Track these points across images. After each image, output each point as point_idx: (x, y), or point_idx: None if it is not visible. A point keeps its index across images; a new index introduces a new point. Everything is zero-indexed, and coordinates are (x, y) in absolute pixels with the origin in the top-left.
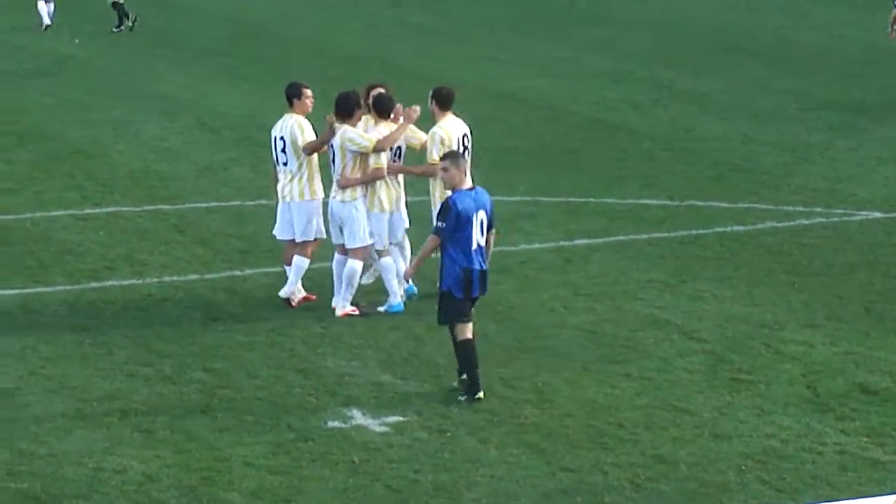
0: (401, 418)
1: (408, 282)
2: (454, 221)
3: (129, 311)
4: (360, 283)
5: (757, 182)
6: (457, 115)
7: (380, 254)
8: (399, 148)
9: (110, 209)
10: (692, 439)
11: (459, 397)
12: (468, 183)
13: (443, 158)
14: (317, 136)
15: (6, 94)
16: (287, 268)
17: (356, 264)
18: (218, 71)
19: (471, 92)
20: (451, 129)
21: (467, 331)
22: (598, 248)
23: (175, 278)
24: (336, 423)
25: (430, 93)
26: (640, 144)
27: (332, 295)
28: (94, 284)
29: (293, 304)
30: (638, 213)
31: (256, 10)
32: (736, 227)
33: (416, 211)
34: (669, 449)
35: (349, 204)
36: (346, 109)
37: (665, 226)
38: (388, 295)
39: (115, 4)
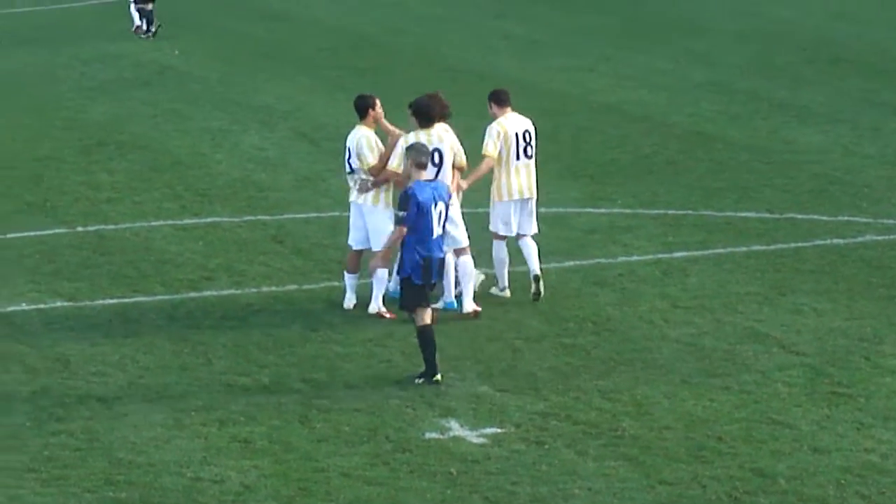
0: (498, 430)
1: (389, 279)
2: (415, 211)
3: (227, 320)
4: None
5: (857, 195)
6: (518, 112)
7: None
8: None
9: (209, 219)
10: (791, 453)
11: (416, 380)
12: (428, 175)
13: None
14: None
15: (107, 104)
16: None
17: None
18: (320, 82)
19: (571, 103)
20: (509, 124)
21: (426, 316)
22: (697, 261)
23: (273, 289)
24: (434, 435)
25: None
26: (739, 156)
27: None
28: (192, 294)
29: (386, 315)
30: (737, 226)
31: (363, 21)
32: (836, 241)
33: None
34: (768, 462)
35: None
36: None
37: (764, 238)
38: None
39: (141, 11)
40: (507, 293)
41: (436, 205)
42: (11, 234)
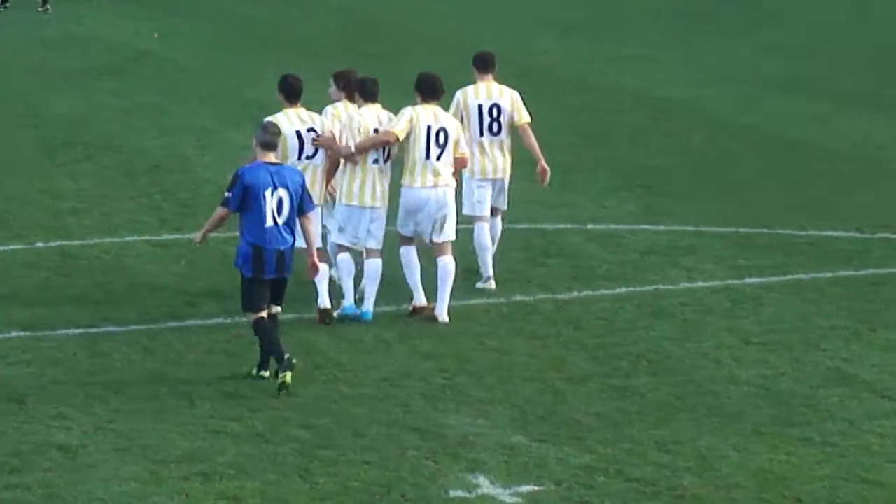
0: (535, 487)
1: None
2: (241, 193)
3: (213, 355)
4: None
5: None
6: (499, 83)
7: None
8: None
9: (193, 235)
10: None
11: (251, 371)
12: (271, 158)
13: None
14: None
15: (73, 97)
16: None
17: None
18: (322, 72)
19: (626, 99)
20: (472, 94)
21: (259, 313)
22: (773, 288)
23: None
24: (459, 493)
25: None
26: (822, 165)
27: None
28: (172, 324)
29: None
30: (820, 247)
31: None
32: None
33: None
34: None
35: None
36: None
37: (853, 262)
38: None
39: None
40: (493, 284)
41: (274, 190)
42: None
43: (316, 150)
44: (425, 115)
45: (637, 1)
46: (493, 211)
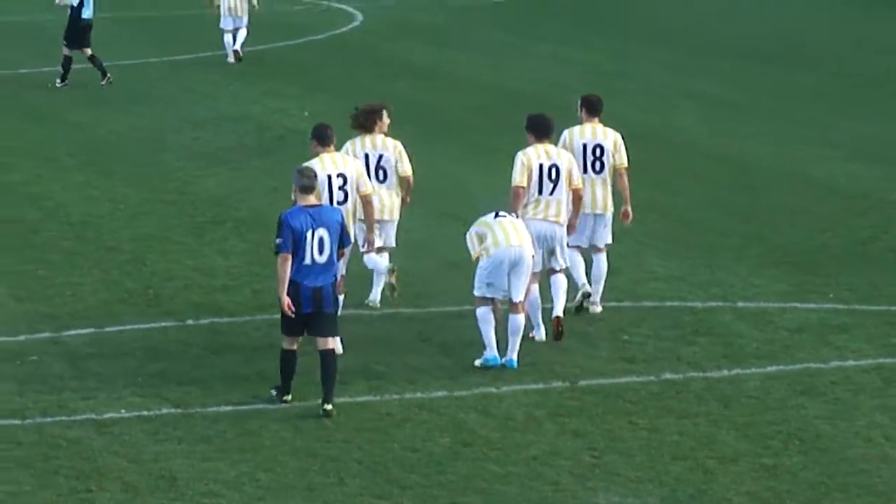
0: None
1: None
2: (290, 236)
3: (363, 432)
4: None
5: None
6: (604, 126)
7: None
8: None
9: (344, 312)
10: None
11: (271, 390)
12: (311, 200)
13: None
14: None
15: (223, 174)
16: None
17: None
18: (468, 148)
19: (770, 176)
20: (579, 134)
21: (291, 343)
22: None
23: (418, 395)
24: None
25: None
26: None
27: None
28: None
29: None
30: None
31: (520, 77)
32: None
33: None
34: None
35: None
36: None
37: None
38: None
39: (92, 58)
40: (588, 288)
41: (314, 231)
42: (109, 327)
43: (346, 196)
44: (535, 154)
45: (773, 79)
46: (597, 249)
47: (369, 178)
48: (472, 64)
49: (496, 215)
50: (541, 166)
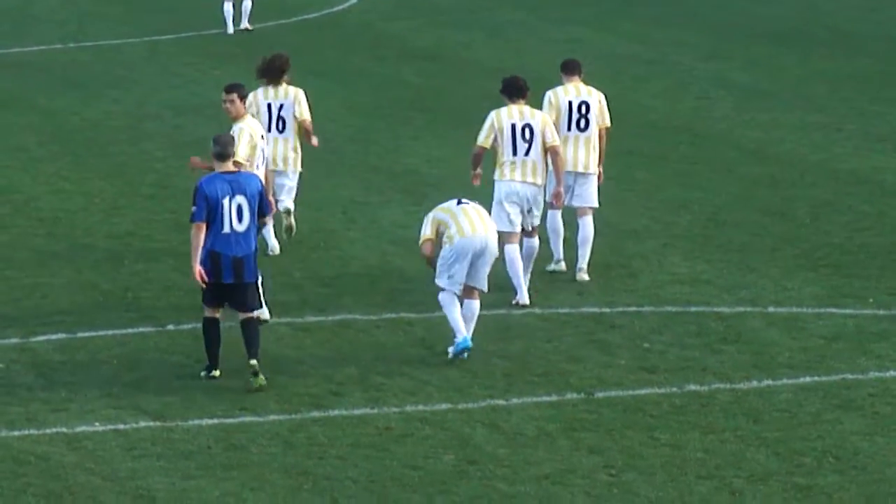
0: None
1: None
2: (204, 204)
3: (360, 448)
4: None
5: None
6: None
7: None
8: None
9: (337, 317)
10: None
11: (201, 373)
12: (228, 167)
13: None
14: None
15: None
16: None
17: None
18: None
19: (810, 171)
20: (563, 92)
21: (213, 312)
22: None
23: (420, 408)
24: None
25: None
26: None
27: None
28: (315, 414)
29: None
30: None
31: (534, 61)
32: None
33: None
34: None
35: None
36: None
37: None
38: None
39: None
40: (563, 266)
41: (231, 198)
42: (82, 332)
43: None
44: (507, 114)
45: (819, 66)
46: (583, 210)
47: (269, 129)
48: (480, 46)
49: (458, 202)
50: (513, 126)
